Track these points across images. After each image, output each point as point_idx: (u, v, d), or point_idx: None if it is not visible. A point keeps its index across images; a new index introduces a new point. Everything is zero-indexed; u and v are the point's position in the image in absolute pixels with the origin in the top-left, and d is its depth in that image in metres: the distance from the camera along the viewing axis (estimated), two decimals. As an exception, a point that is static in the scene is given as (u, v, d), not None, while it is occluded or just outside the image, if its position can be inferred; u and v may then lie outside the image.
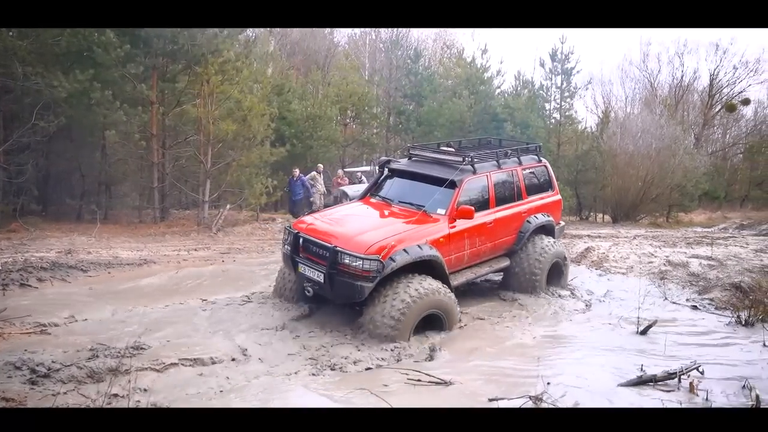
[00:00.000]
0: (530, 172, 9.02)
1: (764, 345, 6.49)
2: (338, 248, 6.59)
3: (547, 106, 24.00)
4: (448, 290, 7.04)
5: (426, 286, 6.72)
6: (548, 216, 9.03)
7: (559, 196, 9.61)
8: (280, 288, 7.97)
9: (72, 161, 14.68)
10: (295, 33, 33.90)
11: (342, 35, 37.86)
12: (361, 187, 15.56)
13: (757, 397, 4.66)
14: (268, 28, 30.53)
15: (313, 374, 5.60)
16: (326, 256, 6.69)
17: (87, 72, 12.71)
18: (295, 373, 5.63)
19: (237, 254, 11.70)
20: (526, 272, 8.57)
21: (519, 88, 24.70)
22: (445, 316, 6.96)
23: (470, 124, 22.08)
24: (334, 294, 6.85)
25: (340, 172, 18.40)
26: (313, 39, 34.02)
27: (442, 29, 37.68)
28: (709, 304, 8.43)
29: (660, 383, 5.28)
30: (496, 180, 8.29)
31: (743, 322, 7.36)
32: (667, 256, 11.09)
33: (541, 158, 9.45)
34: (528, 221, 8.67)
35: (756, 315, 7.42)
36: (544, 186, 9.28)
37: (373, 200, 8.24)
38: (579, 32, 52.59)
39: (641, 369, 5.62)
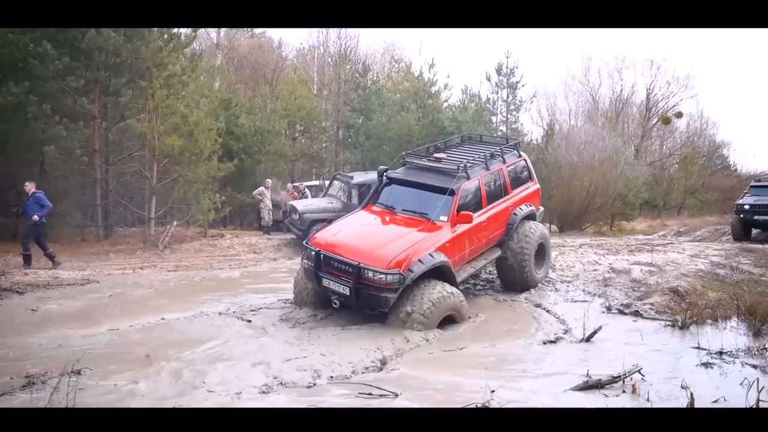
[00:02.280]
0: (513, 168, 9.86)
1: (698, 347, 6.77)
2: (362, 265, 7.23)
3: (494, 119, 24.58)
4: (460, 294, 7.83)
5: (445, 291, 7.53)
6: (531, 206, 9.90)
7: (537, 185, 10.51)
8: (300, 297, 8.46)
9: (6, 178, 14.04)
10: (243, 47, 33.69)
11: (290, 49, 37.87)
12: (311, 202, 15.52)
13: (692, 395, 4.87)
14: (215, 42, 30.25)
15: (264, 392, 5.49)
16: (350, 272, 7.32)
17: (22, 84, 12.23)
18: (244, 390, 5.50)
19: (185, 272, 11.45)
20: (517, 256, 9.35)
21: (466, 102, 25.18)
22: (458, 316, 7.78)
23: (418, 138, 22.31)
24: (360, 305, 7.56)
25: (289, 186, 18.27)
26: (261, 53, 33.84)
27: (390, 43, 38.22)
28: (650, 308, 8.73)
29: (605, 387, 5.44)
30: (486, 181, 9.07)
31: (680, 326, 7.68)
32: (610, 264, 11.44)
33: (521, 153, 10.24)
34: (515, 213, 9.48)
35: (691, 318, 7.76)
36: (525, 178, 10.18)
37: (375, 208, 8.78)
38: (523, 47, 54.21)
39: (587, 374, 5.76)
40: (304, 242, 8.23)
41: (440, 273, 7.76)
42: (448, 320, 7.68)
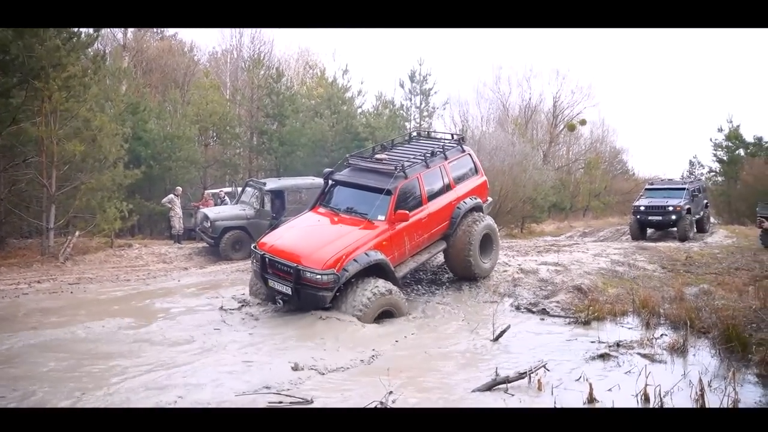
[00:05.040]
0: (456, 164, 10.08)
1: (599, 341, 7.17)
2: (300, 267, 7.67)
3: (407, 125, 24.92)
4: (397, 290, 8.29)
5: (381, 287, 7.95)
6: (476, 198, 10.17)
7: (484, 178, 10.81)
8: (254, 289, 9.02)
9: None
10: (152, 49, 32.38)
11: (202, 53, 36.81)
12: (222, 209, 15.14)
13: (591, 386, 5.18)
14: (122, 44, 28.90)
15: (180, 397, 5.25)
16: (291, 273, 7.75)
17: None
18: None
19: (88, 284, 10.83)
20: (462, 248, 9.66)
21: (380, 108, 25.43)
22: (396, 311, 8.22)
23: (332, 143, 22.30)
24: (302, 303, 7.96)
25: (206, 193, 17.78)
26: (172, 56, 32.66)
27: (304, 48, 38.04)
28: (555, 306, 9.13)
29: (512, 384, 5.63)
30: (426, 179, 9.31)
31: (583, 321, 8.10)
32: (519, 265, 11.85)
33: (464, 148, 10.48)
34: (458, 207, 9.74)
35: (592, 314, 8.21)
36: (470, 173, 10.43)
37: (321, 210, 9.17)
38: (436, 55, 55.52)
39: (495, 372, 5.94)
40: (252, 246, 8.73)
41: (380, 270, 8.19)
42: (388, 315, 8.13)
